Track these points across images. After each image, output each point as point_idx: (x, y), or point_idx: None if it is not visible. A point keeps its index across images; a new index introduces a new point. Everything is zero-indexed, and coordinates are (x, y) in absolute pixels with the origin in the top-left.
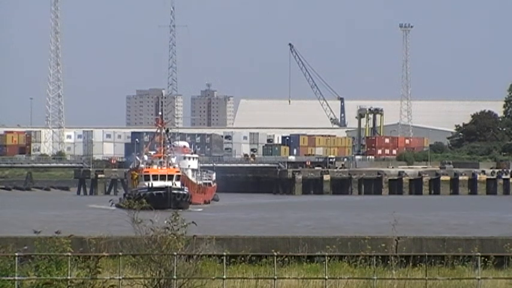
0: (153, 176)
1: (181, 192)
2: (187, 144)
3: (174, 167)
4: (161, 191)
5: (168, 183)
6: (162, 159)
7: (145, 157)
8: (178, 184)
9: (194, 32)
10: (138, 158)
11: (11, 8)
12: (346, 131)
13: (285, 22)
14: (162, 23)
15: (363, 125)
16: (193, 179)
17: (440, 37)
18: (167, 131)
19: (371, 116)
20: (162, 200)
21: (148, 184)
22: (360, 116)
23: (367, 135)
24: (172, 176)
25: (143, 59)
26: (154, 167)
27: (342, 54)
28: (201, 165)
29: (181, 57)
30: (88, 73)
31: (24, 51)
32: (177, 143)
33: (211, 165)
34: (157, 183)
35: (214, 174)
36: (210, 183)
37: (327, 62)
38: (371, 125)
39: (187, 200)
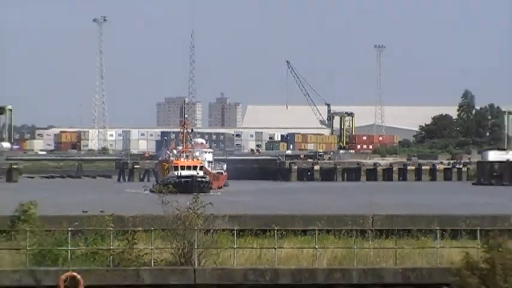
0: (181, 166)
1: (203, 179)
2: (204, 141)
3: (197, 159)
4: (188, 179)
5: (193, 172)
6: (187, 153)
7: (174, 151)
8: (201, 173)
9: (210, 50)
10: (168, 152)
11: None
12: (332, 131)
13: (282, 42)
14: (185, 43)
15: (336, 126)
16: (209, 169)
17: (407, 55)
18: (192, 130)
19: (348, 118)
20: (189, 186)
21: (178, 173)
22: (332, 116)
23: (345, 133)
24: (196, 166)
25: (171, 72)
26: (182, 159)
27: (329, 69)
28: (215, 158)
29: (201, 72)
30: (126, 83)
31: (76, 66)
32: (196, 140)
33: (224, 157)
34: (184, 172)
35: (225, 166)
36: (221, 173)
37: (317, 74)
38: (347, 126)
39: (208, 186)
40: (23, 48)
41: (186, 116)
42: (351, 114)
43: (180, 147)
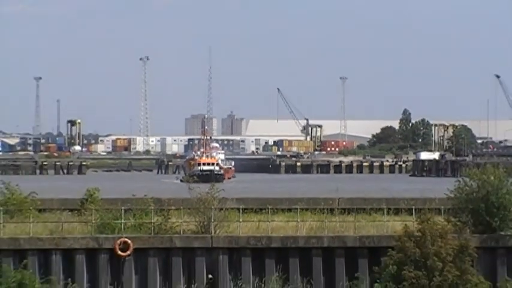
0: (203, 163)
1: (219, 172)
2: (217, 145)
3: (214, 158)
4: (208, 172)
5: (212, 167)
6: (207, 154)
7: (198, 152)
8: (217, 168)
9: (223, 79)
10: (193, 153)
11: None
12: (310, 138)
13: (273, 72)
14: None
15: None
16: (222, 165)
17: (363, 82)
18: (210, 137)
19: (319, 129)
20: (208, 177)
21: (200, 168)
22: (305, 128)
23: (319, 140)
24: (214, 163)
25: (194, 94)
26: (203, 158)
27: (306, 93)
28: (226, 157)
29: (216, 93)
30: (163, 103)
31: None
32: (212, 144)
33: (232, 157)
34: (205, 167)
35: (233, 162)
36: (230, 167)
37: (298, 96)
38: (318, 134)
39: (222, 177)
40: (89, 76)
41: (206, 127)
42: (320, 126)
43: (202, 150)
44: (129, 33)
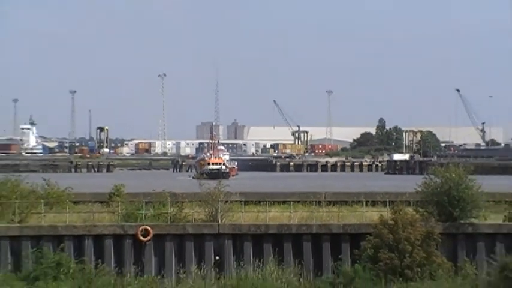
0: (212, 163)
1: (225, 171)
2: (223, 148)
3: (221, 159)
4: (216, 170)
5: (219, 167)
6: (215, 155)
7: (208, 154)
8: (224, 167)
9: (227, 90)
10: (203, 154)
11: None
12: (301, 142)
13: (270, 87)
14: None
15: (303, 139)
16: (227, 164)
17: (347, 94)
18: (218, 141)
19: (308, 134)
20: (216, 175)
21: (210, 167)
22: (293, 134)
23: (307, 144)
24: (221, 163)
25: (204, 105)
26: (212, 158)
27: (298, 104)
28: (231, 158)
29: (222, 104)
30: (177, 111)
31: (148, 101)
32: (219, 147)
33: (236, 158)
34: (214, 167)
35: (236, 162)
36: (234, 167)
37: (291, 107)
38: (305, 139)
39: (228, 175)
40: (117, 89)
41: (215, 133)
42: (307, 132)
43: (211, 152)
44: (150, 53)
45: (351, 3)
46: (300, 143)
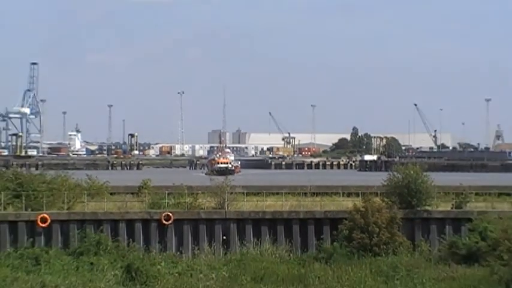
0: (220, 162)
1: (231, 168)
2: (229, 150)
3: (228, 159)
4: (224, 168)
5: (226, 165)
6: (223, 156)
7: (217, 155)
8: (230, 166)
9: (233, 103)
10: (214, 155)
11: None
12: (291, 145)
13: (268, 101)
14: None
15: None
16: (233, 163)
17: (326, 107)
18: (225, 145)
19: (293, 139)
20: (224, 172)
21: (219, 165)
22: (283, 139)
23: (295, 147)
24: (227, 162)
25: (214, 116)
26: (221, 159)
27: (289, 114)
28: (236, 158)
29: (229, 115)
30: (193, 121)
31: (169, 113)
32: (226, 150)
33: (239, 158)
34: (222, 165)
35: (239, 162)
36: (238, 165)
37: (283, 117)
38: (293, 143)
39: (234, 172)
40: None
41: (223, 138)
42: (294, 138)
43: (219, 153)
44: (171, 76)
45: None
46: (289, 146)
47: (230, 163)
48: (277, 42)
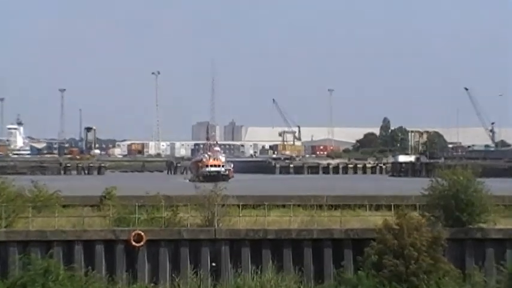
0: (210, 165)
1: (225, 173)
2: (219, 149)
3: (221, 160)
4: (215, 173)
5: (219, 169)
6: (214, 156)
7: (206, 155)
8: (223, 169)
9: (224, 88)
10: (202, 155)
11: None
12: (301, 142)
13: (269, 85)
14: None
15: (303, 139)
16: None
17: (349, 92)
18: (217, 142)
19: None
20: (216, 177)
21: (208, 169)
22: (280, 135)
23: (309, 145)
24: (220, 165)
25: (200, 104)
26: (211, 160)
27: (298, 103)
28: (227, 160)
29: (219, 103)
30: (172, 111)
31: (142, 100)
32: (215, 148)
33: (234, 159)
34: (213, 169)
35: (232, 164)
36: (230, 169)
37: (292, 107)
38: (307, 139)
39: (228, 177)
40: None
41: (213, 133)
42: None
43: (210, 153)
44: (143, 50)
45: None
46: (299, 144)
47: (223, 165)
48: (284, 3)
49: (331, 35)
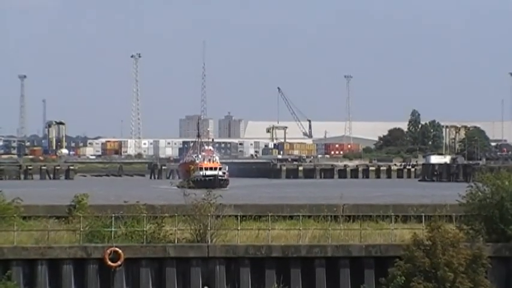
0: (205, 168)
1: (223, 178)
2: (212, 148)
3: (217, 162)
4: (212, 177)
5: (215, 172)
6: (209, 157)
7: (200, 156)
8: (221, 173)
9: (219, 77)
10: (194, 156)
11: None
12: (312, 140)
13: (273, 70)
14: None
15: (315, 136)
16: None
17: (369, 81)
18: (212, 140)
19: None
20: (212, 183)
21: (203, 173)
22: (268, 130)
23: (322, 143)
24: (217, 168)
25: (189, 94)
26: (206, 162)
27: (309, 92)
28: (221, 161)
29: (212, 93)
30: (155, 104)
31: (118, 90)
32: (205, 147)
33: (230, 161)
34: (208, 172)
35: (227, 167)
36: (224, 172)
37: (301, 97)
38: (322, 136)
39: (227, 183)
40: (78, 74)
41: (208, 129)
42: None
43: (203, 153)
44: (119, 29)
45: None
46: (310, 141)
47: (220, 168)
48: None
49: (349, 8)
